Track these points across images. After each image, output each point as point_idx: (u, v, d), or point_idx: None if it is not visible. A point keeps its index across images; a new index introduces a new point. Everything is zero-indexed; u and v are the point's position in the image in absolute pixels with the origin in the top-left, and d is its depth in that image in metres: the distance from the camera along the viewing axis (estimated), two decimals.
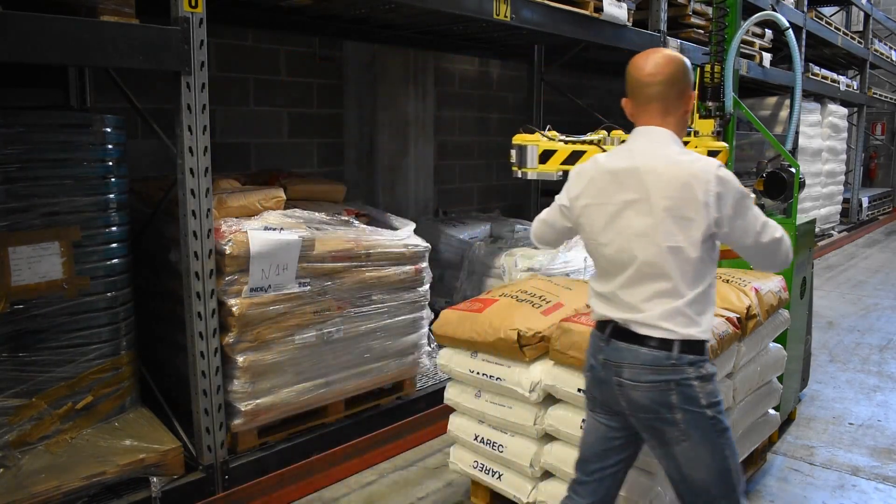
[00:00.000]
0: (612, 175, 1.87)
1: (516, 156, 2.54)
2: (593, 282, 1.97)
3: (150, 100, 3.34)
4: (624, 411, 1.88)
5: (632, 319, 1.83)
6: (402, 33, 4.94)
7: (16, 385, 2.55)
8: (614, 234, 1.86)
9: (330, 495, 3.09)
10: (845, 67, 11.64)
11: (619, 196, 1.84)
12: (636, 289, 1.83)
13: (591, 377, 1.97)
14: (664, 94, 1.87)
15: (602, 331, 1.91)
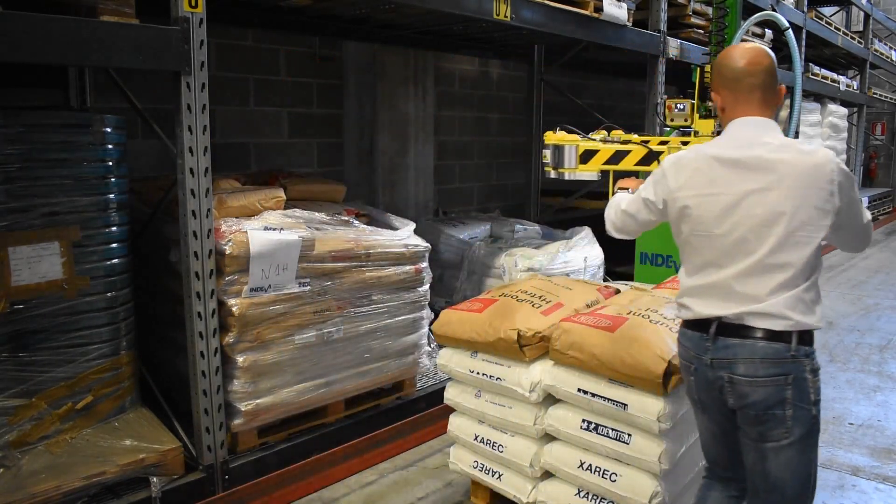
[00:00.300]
0: (728, 165, 1.84)
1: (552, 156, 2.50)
2: (691, 278, 1.92)
3: (150, 100, 3.34)
4: (731, 408, 1.86)
5: (749, 311, 1.78)
6: (402, 33, 4.94)
7: (16, 385, 2.54)
8: (733, 223, 1.82)
9: (330, 495, 3.09)
10: (845, 67, 11.64)
11: (739, 186, 1.81)
12: (758, 278, 1.79)
13: (695, 380, 1.92)
14: (764, 85, 1.88)
15: (704, 330, 1.86)
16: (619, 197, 2.29)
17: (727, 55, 1.93)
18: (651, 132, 5.32)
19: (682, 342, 1.96)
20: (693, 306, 1.89)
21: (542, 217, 6.03)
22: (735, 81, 1.89)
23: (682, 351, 1.98)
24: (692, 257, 1.92)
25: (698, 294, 1.89)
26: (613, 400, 2.38)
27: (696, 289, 1.89)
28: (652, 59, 5.27)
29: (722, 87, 1.92)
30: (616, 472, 2.42)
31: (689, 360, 1.93)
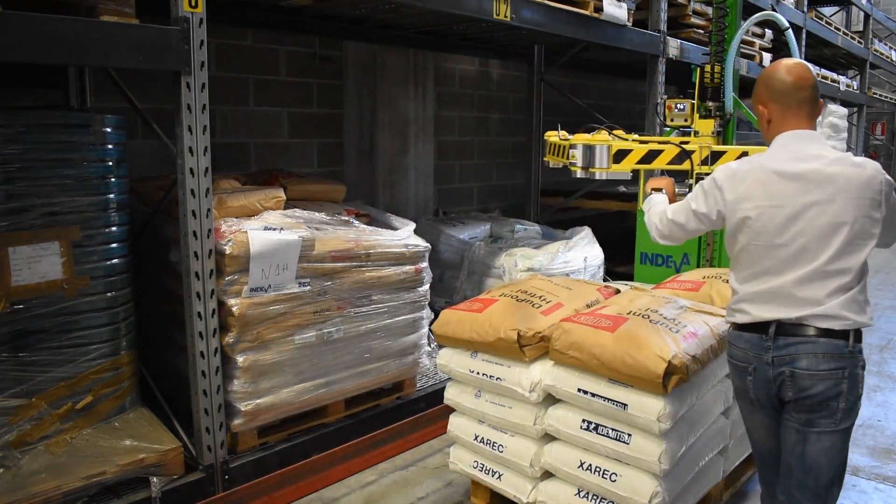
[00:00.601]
0: (789, 178, 1.94)
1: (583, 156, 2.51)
2: (747, 284, 2.01)
3: (150, 100, 3.33)
4: (787, 400, 1.95)
5: (811, 314, 1.90)
6: (402, 33, 4.94)
7: (16, 385, 2.54)
8: (795, 233, 1.92)
9: (330, 495, 3.09)
10: (845, 67, 11.64)
11: (800, 198, 1.92)
12: (818, 283, 1.90)
13: (753, 380, 2.01)
14: (812, 99, 2.02)
15: (763, 332, 1.96)
16: (659, 201, 2.41)
17: (776, 70, 2.03)
18: (651, 132, 5.32)
19: (738, 345, 2.04)
20: (752, 311, 1.98)
21: (542, 217, 6.03)
22: (786, 95, 2.00)
23: (737, 353, 2.05)
24: (750, 265, 2.00)
25: (757, 299, 1.98)
26: (613, 400, 2.38)
27: (754, 294, 1.98)
28: (652, 59, 5.27)
29: (771, 100, 2.03)
30: (616, 472, 2.42)
31: (748, 360, 2.01)
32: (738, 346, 2.04)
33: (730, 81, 3.41)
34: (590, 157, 2.52)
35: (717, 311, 2.70)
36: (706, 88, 3.43)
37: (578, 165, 2.56)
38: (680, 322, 2.50)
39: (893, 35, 13.16)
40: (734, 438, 2.86)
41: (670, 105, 3.44)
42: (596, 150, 2.51)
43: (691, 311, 2.65)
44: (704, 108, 3.39)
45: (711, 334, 2.52)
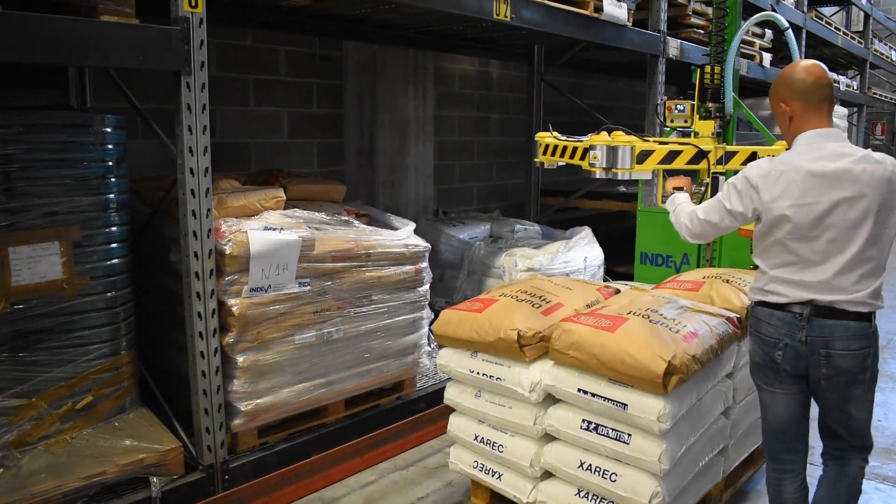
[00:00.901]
0: (821, 177, 2.08)
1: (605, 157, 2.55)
2: (779, 269, 2.17)
3: (150, 100, 3.34)
4: (819, 377, 2.16)
5: (842, 300, 2.09)
6: (402, 33, 4.94)
7: (16, 385, 2.54)
8: (826, 227, 2.08)
9: (330, 495, 3.09)
10: (845, 67, 11.65)
11: (832, 195, 2.07)
12: (848, 273, 2.09)
13: (783, 354, 2.18)
14: (831, 97, 2.17)
15: (796, 312, 2.14)
16: (684, 200, 2.51)
17: (796, 69, 2.18)
18: (651, 133, 5.32)
19: (770, 322, 2.20)
20: (787, 292, 2.15)
21: (542, 217, 6.03)
22: (807, 93, 2.14)
23: (769, 330, 2.21)
24: (782, 255, 2.16)
25: (790, 283, 2.15)
26: (613, 400, 2.38)
27: (788, 279, 2.15)
28: (652, 59, 5.27)
29: (792, 98, 2.16)
30: (616, 472, 2.42)
31: (779, 337, 2.19)
32: (770, 322, 2.20)
33: (730, 82, 3.41)
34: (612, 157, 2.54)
35: (717, 311, 2.71)
36: (706, 89, 3.43)
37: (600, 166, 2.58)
38: (680, 322, 2.50)
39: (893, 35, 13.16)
40: (734, 438, 2.86)
41: (670, 106, 3.45)
42: (619, 151, 2.54)
43: (691, 311, 2.65)
44: (704, 109, 3.39)
45: (711, 334, 2.52)
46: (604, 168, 2.62)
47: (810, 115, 2.15)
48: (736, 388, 2.81)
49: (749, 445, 3.03)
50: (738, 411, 2.87)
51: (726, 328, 2.62)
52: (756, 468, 3.17)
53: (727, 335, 2.61)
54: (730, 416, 2.81)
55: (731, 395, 2.77)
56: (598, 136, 2.70)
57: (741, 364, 2.83)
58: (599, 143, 2.61)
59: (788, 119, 2.18)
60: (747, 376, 2.87)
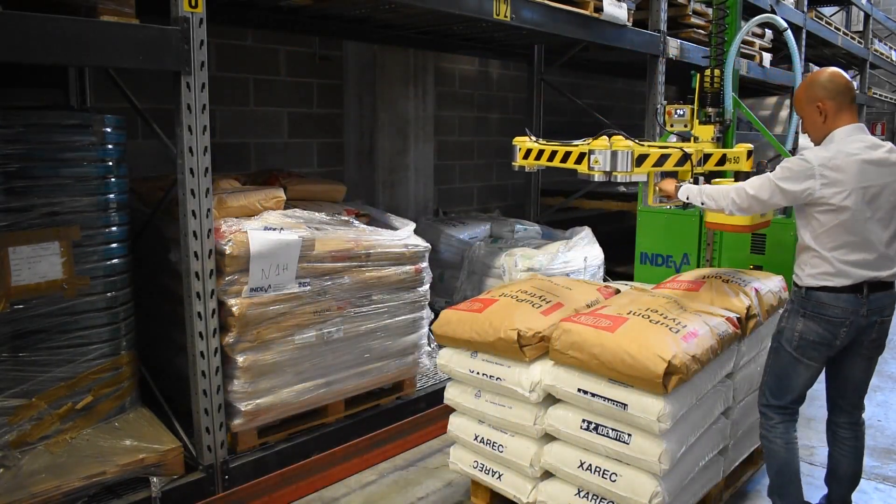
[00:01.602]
0: (871, 164, 2.36)
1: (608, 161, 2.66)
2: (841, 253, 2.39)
3: (150, 100, 3.33)
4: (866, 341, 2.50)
5: (891, 272, 2.43)
6: (402, 33, 4.94)
7: (16, 385, 2.54)
8: (876, 208, 2.38)
9: (330, 495, 3.09)
10: (845, 67, 11.63)
11: (881, 179, 2.37)
12: (890, 248, 2.42)
13: (847, 330, 2.45)
14: (855, 98, 2.49)
15: (858, 291, 2.41)
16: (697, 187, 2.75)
17: (827, 73, 2.48)
18: (651, 134, 5.32)
19: (837, 304, 2.42)
20: (853, 273, 2.39)
21: (542, 217, 6.03)
22: (841, 94, 2.44)
23: (836, 311, 2.43)
24: (841, 237, 2.38)
25: (856, 265, 2.39)
26: (613, 400, 2.38)
27: (853, 262, 2.39)
28: (652, 59, 5.27)
29: (828, 98, 2.44)
30: (616, 472, 2.42)
31: (846, 316, 2.42)
32: (836, 305, 2.42)
33: (729, 86, 3.42)
34: (613, 161, 2.65)
35: (717, 311, 2.70)
36: (706, 94, 3.44)
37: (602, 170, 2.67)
38: (680, 322, 2.50)
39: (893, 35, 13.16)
40: (734, 438, 2.86)
41: (670, 110, 3.47)
42: (619, 155, 2.63)
43: (691, 311, 2.65)
44: (704, 114, 3.41)
45: (711, 334, 2.52)
46: (605, 172, 2.69)
47: (843, 113, 2.44)
48: (736, 388, 2.81)
49: (749, 445, 3.03)
50: (739, 411, 2.87)
51: (726, 328, 2.62)
52: (756, 468, 3.17)
53: (727, 335, 2.60)
54: (730, 416, 2.81)
55: (731, 395, 2.77)
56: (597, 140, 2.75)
57: (741, 364, 2.83)
58: (600, 147, 2.67)
59: (823, 118, 2.45)
60: (747, 376, 2.88)
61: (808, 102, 2.49)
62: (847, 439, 2.67)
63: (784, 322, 2.58)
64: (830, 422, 2.72)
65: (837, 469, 2.70)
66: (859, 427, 2.67)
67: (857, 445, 2.67)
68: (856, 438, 2.66)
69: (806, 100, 2.49)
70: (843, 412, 2.66)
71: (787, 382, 2.56)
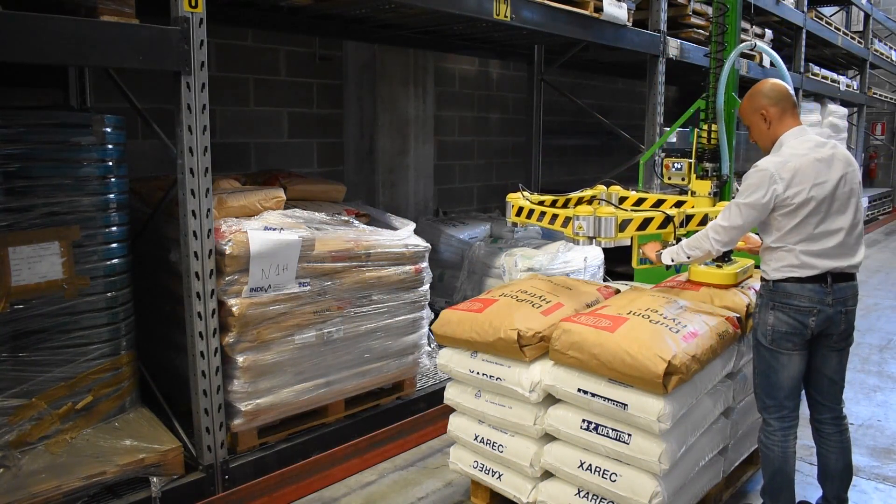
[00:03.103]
0: (822, 161, 2.47)
1: (591, 227, 2.73)
2: (806, 245, 2.47)
3: (150, 100, 3.34)
4: (836, 333, 2.54)
5: (851, 263, 2.51)
6: (402, 33, 4.94)
7: (16, 385, 2.54)
8: (833, 200, 2.46)
9: (330, 495, 3.09)
10: (845, 67, 11.64)
11: (833, 174, 2.46)
12: (850, 236, 2.49)
13: (816, 319, 2.50)
14: (796, 103, 2.62)
15: (822, 282, 2.48)
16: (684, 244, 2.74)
17: (766, 84, 2.61)
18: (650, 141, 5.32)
19: (802, 294, 2.49)
20: (818, 264, 2.47)
21: None
22: (783, 100, 2.57)
23: (801, 301, 2.49)
24: (805, 231, 2.46)
25: (820, 255, 2.47)
26: (613, 400, 2.38)
27: (817, 252, 2.47)
28: (652, 59, 5.27)
29: (770, 105, 2.57)
30: (616, 472, 2.42)
31: (813, 304, 2.49)
32: (802, 294, 2.49)
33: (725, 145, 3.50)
34: (597, 227, 2.77)
35: (717, 311, 2.71)
36: (703, 150, 3.51)
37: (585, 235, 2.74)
38: (680, 322, 2.50)
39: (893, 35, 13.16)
40: (734, 438, 2.86)
41: (668, 164, 3.56)
42: (602, 222, 2.76)
43: (691, 311, 2.65)
44: (701, 169, 3.47)
45: (711, 334, 2.52)
46: (588, 237, 2.75)
47: (786, 118, 2.56)
48: (736, 388, 2.80)
49: (749, 445, 3.03)
50: (739, 411, 2.87)
51: (726, 328, 2.62)
52: (756, 468, 3.17)
53: (727, 335, 2.61)
54: (730, 416, 2.81)
55: (731, 395, 2.77)
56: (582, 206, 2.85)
57: (741, 364, 2.83)
58: (584, 214, 2.74)
59: (767, 124, 2.58)
60: (748, 376, 2.88)
61: (753, 112, 2.61)
62: (831, 435, 2.68)
63: (757, 318, 2.61)
64: (813, 419, 2.73)
65: (827, 466, 2.71)
66: (842, 422, 2.69)
67: (843, 440, 2.68)
68: (840, 433, 2.68)
69: (750, 110, 2.62)
70: (823, 408, 2.68)
71: (773, 378, 2.57)
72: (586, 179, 6.59)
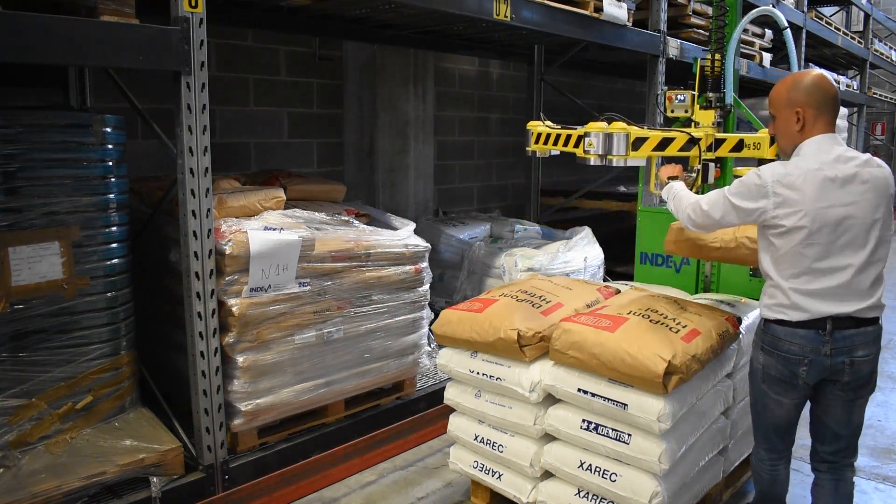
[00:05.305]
0: (835, 182, 2.09)
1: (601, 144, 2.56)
2: (798, 281, 2.13)
3: (150, 100, 3.34)
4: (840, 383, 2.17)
5: (860, 307, 2.11)
6: (402, 33, 4.94)
7: (16, 385, 2.54)
8: (841, 231, 2.09)
9: (330, 495, 3.09)
10: (845, 67, 11.64)
11: (846, 198, 2.09)
12: (863, 275, 2.11)
13: (808, 369, 2.16)
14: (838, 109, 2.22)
15: (820, 327, 2.12)
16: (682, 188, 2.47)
17: (813, 78, 2.19)
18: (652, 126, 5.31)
19: (793, 340, 2.16)
20: (810, 307, 2.12)
21: (542, 217, 6.03)
22: (825, 103, 2.16)
23: (791, 348, 2.17)
24: (800, 264, 2.12)
25: (813, 296, 2.12)
26: (613, 400, 2.38)
27: (810, 291, 2.12)
28: (652, 59, 5.27)
29: (809, 105, 2.16)
30: (616, 472, 2.42)
31: (803, 354, 2.15)
32: (792, 341, 2.16)
33: (730, 72, 3.40)
34: (608, 144, 2.55)
35: (717, 311, 2.70)
36: (706, 79, 3.41)
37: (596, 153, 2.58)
38: (680, 322, 2.50)
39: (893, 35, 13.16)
40: (734, 438, 2.86)
41: (671, 96, 3.43)
42: (614, 138, 2.55)
43: (691, 310, 2.65)
44: (704, 99, 3.38)
45: (711, 334, 2.52)
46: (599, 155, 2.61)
47: (820, 123, 2.17)
48: (736, 388, 2.81)
49: (749, 445, 3.03)
50: (738, 411, 2.87)
51: (726, 328, 2.62)
52: None
53: (727, 335, 2.61)
54: (730, 416, 2.81)
55: (731, 395, 2.77)
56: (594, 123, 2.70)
57: (741, 364, 2.83)
58: (595, 130, 2.61)
59: (801, 125, 2.17)
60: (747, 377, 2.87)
61: (787, 105, 2.20)
62: (825, 490, 2.32)
63: (752, 353, 2.37)
64: (812, 461, 2.39)
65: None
66: (842, 482, 2.30)
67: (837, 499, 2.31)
68: (835, 493, 2.30)
69: (785, 102, 2.20)
70: (822, 460, 2.34)
71: (762, 415, 2.36)
72: (587, 179, 6.60)
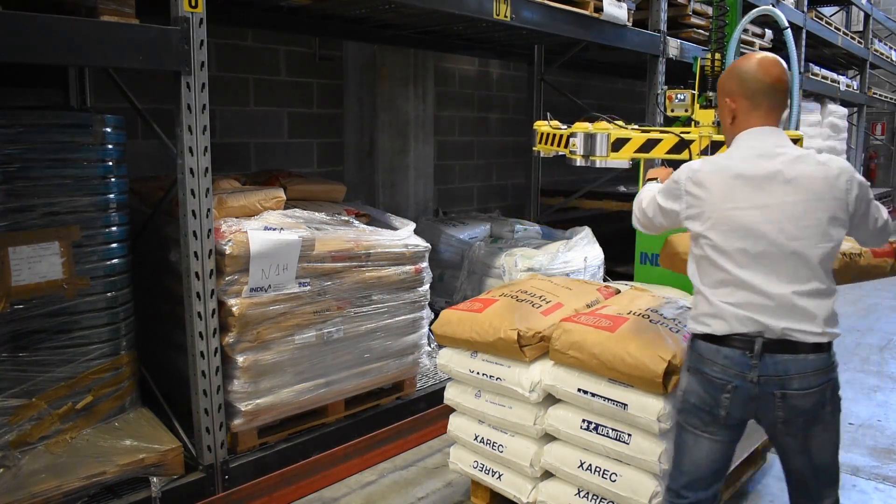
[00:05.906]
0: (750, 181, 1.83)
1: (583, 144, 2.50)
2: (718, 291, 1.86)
3: (150, 100, 3.33)
4: (775, 421, 1.86)
5: (795, 329, 1.78)
6: (402, 33, 4.94)
7: (16, 385, 2.54)
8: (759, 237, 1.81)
9: (330, 495, 3.09)
10: (845, 67, 11.64)
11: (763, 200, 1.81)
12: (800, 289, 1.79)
13: (730, 398, 1.85)
14: (784, 100, 1.92)
15: (746, 347, 1.81)
16: (648, 190, 2.21)
17: (752, 64, 1.89)
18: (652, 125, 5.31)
19: (715, 360, 1.86)
20: (731, 321, 1.83)
21: (542, 217, 6.03)
22: (759, 94, 1.88)
23: (714, 369, 1.87)
24: (713, 271, 1.87)
25: (733, 307, 1.83)
26: (613, 400, 2.38)
27: (729, 303, 1.84)
28: (652, 59, 5.27)
29: (742, 96, 1.90)
30: (616, 472, 2.42)
31: (727, 378, 1.85)
32: (715, 361, 1.86)
33: None
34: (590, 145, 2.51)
35: None
36: (706, 78, 3.40)
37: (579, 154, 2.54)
38: (680, 322, 2.50)
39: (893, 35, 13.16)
40: None
41: (671, 95, 3.41)
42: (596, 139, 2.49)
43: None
44: (704, 99, 3.37)
45: None
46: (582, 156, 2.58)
47: (754, 117, 1.90)
48: None
49: (749, 446, 3.03)
50: None
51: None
52: (756, 468, 3.17)
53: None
54: None
55: None
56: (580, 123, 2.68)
57: None
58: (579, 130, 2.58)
59: (731, 117, 1.93)
60: None
61: (721, 94, 1.95)
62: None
63: None
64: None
65: None
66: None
67: None
68: None
69: (720, 90, 1.96)
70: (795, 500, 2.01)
71: (678, 456, 2.02)
72: (587, 179, 6.60)
